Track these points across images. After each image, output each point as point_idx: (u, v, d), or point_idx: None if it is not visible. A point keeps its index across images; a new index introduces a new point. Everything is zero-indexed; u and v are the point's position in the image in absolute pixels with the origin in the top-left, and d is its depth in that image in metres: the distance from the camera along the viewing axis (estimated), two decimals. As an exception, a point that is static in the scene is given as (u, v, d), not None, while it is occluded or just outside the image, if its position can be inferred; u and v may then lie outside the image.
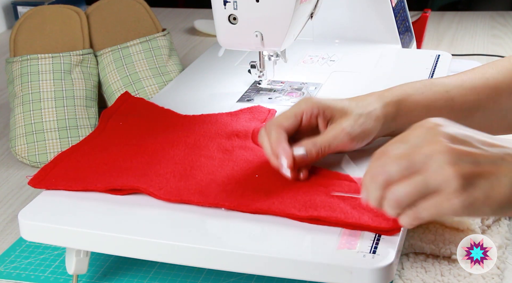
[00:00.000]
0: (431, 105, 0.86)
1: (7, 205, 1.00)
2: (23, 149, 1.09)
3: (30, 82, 1.13)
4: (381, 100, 0.84)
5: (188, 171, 0.81)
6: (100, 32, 1.21)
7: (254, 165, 0.82)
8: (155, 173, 0.81)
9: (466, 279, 0.80)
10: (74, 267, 0.79)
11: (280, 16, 0.94)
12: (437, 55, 1.17)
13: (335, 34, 1.25)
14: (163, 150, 0.85)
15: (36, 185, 0.80)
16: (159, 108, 0.97)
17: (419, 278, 0.80)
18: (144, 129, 0.91)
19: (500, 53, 1.49)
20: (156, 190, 0.78)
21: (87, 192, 0.80)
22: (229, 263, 0.71)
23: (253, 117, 0.94)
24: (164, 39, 1.22)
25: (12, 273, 0.85)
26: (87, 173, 0.82)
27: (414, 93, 0.86)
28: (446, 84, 0.87)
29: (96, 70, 1.19)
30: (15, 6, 1.76)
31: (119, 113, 0.96)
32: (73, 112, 1.12)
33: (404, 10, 1.30)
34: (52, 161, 0.85)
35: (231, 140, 0.87)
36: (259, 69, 1.05)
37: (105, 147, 0.87)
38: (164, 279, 0.82)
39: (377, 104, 0.84)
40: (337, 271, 0.68)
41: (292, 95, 1.04)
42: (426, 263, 0.82)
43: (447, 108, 0.86)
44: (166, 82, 1.17)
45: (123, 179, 0.80)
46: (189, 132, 0.89)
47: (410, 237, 0.84)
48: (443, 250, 0.83)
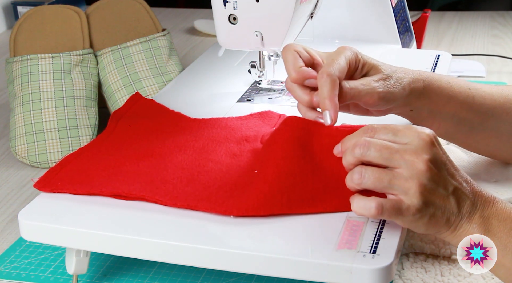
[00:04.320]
0: (454, 97, 0.87)
1: (7, 205, 1.00)
2: (23, 149, 1.09)
3: (30, 82, 1.13)
4: (411, 74, 0.85)
5: (196, 176, 0.80)
6: (100, 32, 1.21)
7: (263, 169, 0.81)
8: (161, 179, 0.80)
9: (466, 279, 0.80)
10: (74, 267, 0.79)
11: (280, 16, 0.94)
12: (437, 55, 1.17)
13: (335, 34, 1.25)
14: (171, 154, 0.85)
15: (42, 188, 0.80)
16: (169, 111, 0.96)
17: (419, 278, 0.80)
18: (153, 132, 0.90)
19: (500, 53, 1.49)
20: (162, 197, 0.77)
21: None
22: (229, 263, 0.71)
23: (263, 122, 0.94)
24: (164, 39, 1.22)
25: (12, 273, 0.85)
26: (93, 177, 0.81)
27: (442, 80, 0.87)
28: (468, 83, 0.90)
29: (96, 70, 1.19)
30: (15, 6, 1.76)
31: (129, 115, 0.95)
32: (73, 112, 1.12)
33: (404, 10, 1.30)
34: (59, 163, 0.84)
35: (240, 145, 0.87)
36: (259, 69, 1.05)
37: (113, 150, 0.87)
38: (164, 279, 0.82)
39: (406, 75, 0.84)
40: (337, 271, 0.68)
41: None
42: (426, 263, 0.82)
43: (467, 105, 0.88)
44: (166, 82, 1.17)
45: (129, 186, 0.79)
46: (198, 136, 0.89)
47: (410, 237, 0.84)
48: (443, 250, 0.83)
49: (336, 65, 0.79)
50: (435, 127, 0.86)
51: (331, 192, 0.75)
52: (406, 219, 0.70)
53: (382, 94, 0.81)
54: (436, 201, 0.70)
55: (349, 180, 0.72)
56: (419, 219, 0.69)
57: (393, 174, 0.70)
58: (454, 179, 0.71)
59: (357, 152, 0.71)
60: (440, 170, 0.70)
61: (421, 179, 0.69)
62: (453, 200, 0.70)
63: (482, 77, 1.37)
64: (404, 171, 0.69)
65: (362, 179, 0.71)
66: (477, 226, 0.70)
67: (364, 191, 0.72)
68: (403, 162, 0.70)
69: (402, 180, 0.69)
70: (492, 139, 0.92)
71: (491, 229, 0.70)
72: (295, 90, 0.82)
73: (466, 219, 0.71)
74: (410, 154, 0.70)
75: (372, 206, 0.69)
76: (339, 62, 0.79)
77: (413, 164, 0.69)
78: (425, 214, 0.69)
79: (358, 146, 0.72)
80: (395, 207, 0.69)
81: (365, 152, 0.71)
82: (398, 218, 0.70)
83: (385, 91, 0.81)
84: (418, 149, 0.70)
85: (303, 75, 0.80)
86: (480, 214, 0.71)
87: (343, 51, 0.81)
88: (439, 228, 0.71)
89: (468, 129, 0.90)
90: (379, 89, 0.81)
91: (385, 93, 0.81)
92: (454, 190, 0.71)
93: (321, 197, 0.75)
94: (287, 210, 0.74)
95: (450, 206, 0.70)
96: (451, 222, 0.70)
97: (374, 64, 0.83)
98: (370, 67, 0.83)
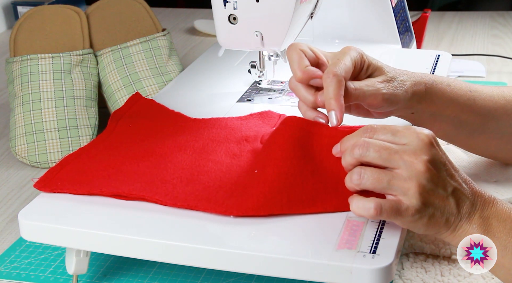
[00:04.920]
0: (455, 99, 0.87)
1: (7, 205, 1.00)
2: (23, 149, 1.09)
3: (30, 82, 1.13)
4: (413, 77, 0.85)
5: (195, 176, 0.80)
6: (100, 32, 1.21)
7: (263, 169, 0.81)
8: (161, 179, 0.80)
9: (466, 279, 0.80)
10: (74, 267, 0.79)
11: (280, 16, 0.94)
12: (437, 55, 1.17)
13: (335, 34, 1.25)
14: (171, 154, 0.85)
15: (42, 188, 0.80)
16: (170, 111, 0.96)
17: (419, 278, 0.80)
18: (153, 132, 0.90)
19: (500, 53, 1.49)
20: (162, 197, 0.77)
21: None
22: (229, 263, 0.71)
23: (263, 122, 0.94)
24: (164, 39, 1.22)
25: (12, 273, 0.85)
26: (93, 177, 0.81)
27: (443, 83, 0.87)
28: (469, 85, 0.90)
29: (96, 70, 1.19)
30: (15, 6, 1.76)
31: (129, 115, 0.95)
32: (73, 112, 1.12)
33: (404, 10, 1.30)
34: (59, 163, 0.84)
35: (240, 145, 0.87)
36: (259, 69, 1.05)
37: (113, 150, 0.87)
38: (164, 279, 0.82)
39: (409, 78, 0.84)
40: (337, 271, 0.68)
41: (292, 95, 1.04)
42: (426, 263, 0.82)
43: (468, 108, 0.88)
44: (166, 82, 1.17)
45: (129, 186, 0.79)
46: (198, 136, 0.88)
47: (410, 237, 0.84)
48: (443, 250, 0.83)
49: (342, 65, 0.79)
50: (436, 129, 0.86)
51: (331, 192, 0.75)
52: (405, 220, 0.70)
53: (386, 95, 0.81)
54: (435, 201, 0.70)
55: (348, 181, 0.72)
56: (418, 220, 0.69)
57: (392, 174, 0.70)
58: (454, 179, 0.71)
59: (356, 153, 0.71)
60: (439, 170, 0.70)
61: (420, 179, 0.69)
62: (452, 201, 0.70)
63: (482, 77, 1.37)
64: (403, 171, 0.69)
65: (361, 180, 0.71)
66: (477, 226, 0.70)
67: (363, 192, 0.72)
68: (402, 163, 0.70)
69: (401, 181, 0.69)
70: (493, 141, 0.92)
71: (491, 230, 0.70)
72: (299, 89, 0.81)
73: (465, 219, 0.71)
74: (409, 155, 0.70)
75: (371, 207, 0.69)
76: (345, 62, 0.79)
77: (412, 165, 0.69)
78: (424, 215, 0.69)
79: (357, 146, 0.71)
80: (394, 207, 0.69)
81: (364, 153, 0.71)
82: (397, 218, 0.70)
83: (389, 93, 0.81)
84: (417, 150, 0.70)
85: (309, 75, 0.80)
86: (480, 214, 0.71)
87: (349, 51, 0.81)
88: (438, 228, 0.71)
89: (469, 131, 0.90)
90: (383, 90, 0.81)
91: (389, 95, 0.81)
92: (453, 190, 0.71)
93: (321, 197, 0.75)
94: (287, 210, 0.74)
95: (449, 207, 0.70)
96: (451, 223, 0.70)
97: (378, 65, 0.83)
98: (374, 69, 0.83)
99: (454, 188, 0.71)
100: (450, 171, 0.72)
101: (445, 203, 0.70)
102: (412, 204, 0.69)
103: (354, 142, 0.72)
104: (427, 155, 0.70)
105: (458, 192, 0.71)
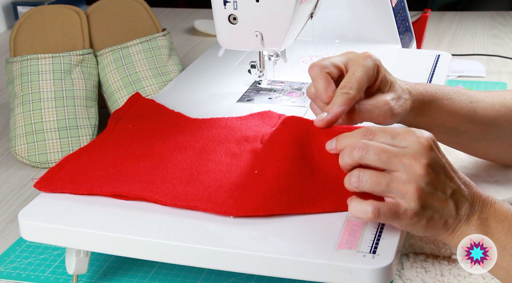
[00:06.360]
0: (455, 112, 0.88)
1: (7, 205, 1.00)
2: (23, 149, 1.09)
3: (30, 82, 1.13)
4: (414, 94, 0.85)
5: (195, 176, 0.80)
6: (100, 32, 1.21)
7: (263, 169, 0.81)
8: (161, 179, 0.80)
9: (466, 279, 0.80)
10: (74, 267, 0.79)
11: (280, 16, 0.94)
12: (437, 55, 1.17)
13: (335, 34, 1.25)
14: (171, 154, 0.85)
15: (42, 188, 0.80)
16: (169, 111, 0.96)
17: (419, 278, 0.80)
18: (153, 132, 0.90)
19: (500, 53, 1.49)
20: (161, 197, 0.77)
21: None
22: (229, 263, 0.71)
23: (263, 122, 0.94)
24: (164, 39, 1.22)
25: (12, 273, 0.85)
26: (93, 177, 0.81)
27: (443, 98, 0.87)
28: (470, 95, 0.90)
29: (96, 70, 1.19)
30: (15, 6, 1.76)
31: (129, 115, 0.95)
32: (73, 112, 1.12)
33: (404, 10, 1.30)
34: (59, 163, 0.84)
35: (240, 145, 0.87)
36: (259, 69, 1.05)
37: (113, 150, 0.87)
38: (164, 279, 0.82)
39: (410, 96, 0.85)
40: (337, 271, 0.68)
41: (292, 95, 1.04)
42: (426, 263, 0.82)
43: (468, 118, 0.88)
44: (166, 82, 1.17)
45: (129, 186, 0.79)
46: (198, 136, 0.88)
47: (410, 237, 0.84)
48: (443, 250, 0.83)
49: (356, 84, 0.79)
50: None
51: (331, 192, 0.75)
52: (403, 223, 0.70)
53: (396, 116, 0.82)
54: (434, 204, 0.70)
55: (347, 183, 0.72)
56: (417, 223, 0.69)
57: (391, 177, 0.70)
58: (453, 182, 0.71)
59: (356, 155, 0.71)
60: (438, 173, 0.70)
61: (419, 183, 0.69)
62: (451, 203, 0.70)
63: (482, 77, 1.37)
64: (402, 175, 0.69)
65: (360, 182, 0.71)
66: (475, 228, 0.70)
67: (362, 193, 0.72)
68: (402, 166, 0.69)
69: (400, 184, 0.69)
70: (492, 148, 0.92)
71: (489, 231, 0.70)
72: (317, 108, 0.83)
73: (464, 221, 0.71)
74: (408, 158, 0.70)
75: (368, 210, 0.69)
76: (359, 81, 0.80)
77: (411, 168, 0.69)
78: (423, 218, 0.69)
79: (356, 148, 0.71)
80: (392, 210, 0.69)
81: (363, 155, 0.71)
82: (395, 221, 0.70)
83: (396, 112, 0.82)
84: (417, 153, 0.70)
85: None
86: (478, 216, 0.71)
87: (366, 65, 0.81)
88: (437, 230, 0.71)
89: (468, 140, 0.90)
90: (394, 109, 0.82)
91: (396, 114, 0.83)
92: (452, 193, 0.71)
93: (321, 197, 0.75)
94: (287, 210, 0.74)
95: (448, 209, 0.70)
96: (449, 225, 0.70)
97: (391, 80, 0.84)
98: (386, 83, 0.83)
99: (453, 190, 0.71)
100: (449, 173, 0.72)
101: (444, 206, 0.70)
102: (410, 207, 0.69)
103: (354, 144, 0.72)
104: (427, 159, 0.70)
105: (457, 194, 0.71)
